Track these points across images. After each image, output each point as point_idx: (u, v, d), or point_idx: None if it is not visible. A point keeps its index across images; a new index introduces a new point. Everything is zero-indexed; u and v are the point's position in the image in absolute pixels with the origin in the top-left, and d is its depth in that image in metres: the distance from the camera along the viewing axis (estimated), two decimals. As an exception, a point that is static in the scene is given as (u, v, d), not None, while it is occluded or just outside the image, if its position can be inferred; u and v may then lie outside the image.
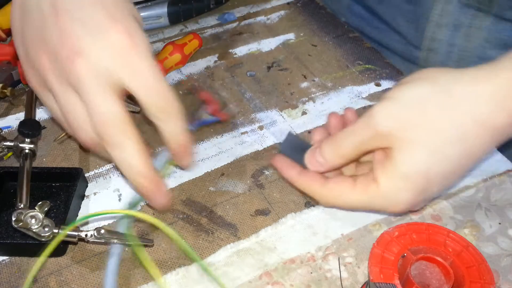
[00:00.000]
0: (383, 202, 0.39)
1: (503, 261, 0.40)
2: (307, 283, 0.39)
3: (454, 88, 0.37)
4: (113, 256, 0.39)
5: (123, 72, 0.34)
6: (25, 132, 0.45)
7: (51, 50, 0.34)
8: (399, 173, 0.38)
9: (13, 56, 0.58)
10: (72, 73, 0.33)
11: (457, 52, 0.60)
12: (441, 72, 0.39)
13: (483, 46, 0.57)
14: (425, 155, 0.37)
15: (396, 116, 0.38)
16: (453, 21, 0.58)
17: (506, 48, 0.56)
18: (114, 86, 0.34)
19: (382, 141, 0.38)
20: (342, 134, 0.40)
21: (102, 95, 0.34)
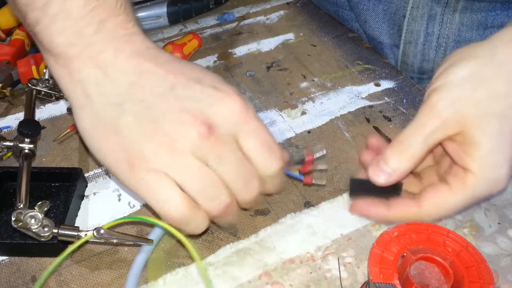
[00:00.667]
0: (487, 187, 0.37)
1: (502, 261, 0.40)
2: (307, 283, 0.39)
3: (497, 56, 0.38)
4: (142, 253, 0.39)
5: (242, 133, 0.37)
6: (25, 132, 0.45)
7: (172, 132, 0.35)
8: (488, 149, 0.36)
9: (13, 56, 0.58)
10: (208, 147, 0.35)
11: (435, 40, 0.60)
12: (475, 47, 0.39)
13: (459, 29, 0.58)
14: (500, 122, 0.36)
15: (458, 97, 0.37)
16: (427, 12, 0.59)
17: (481, 29, 0.57)
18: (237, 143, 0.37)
19: (452, 128, 0.37)
20: (406, 134, 0.38)
21: (235, 155, 0.36)
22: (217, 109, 0.35)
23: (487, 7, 0.55)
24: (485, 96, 0.37)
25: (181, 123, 0.35)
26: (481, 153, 0.37)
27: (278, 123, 0.54)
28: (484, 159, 0.37)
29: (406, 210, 0.40)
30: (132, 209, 0.45)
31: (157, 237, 0.41)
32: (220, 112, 0.35)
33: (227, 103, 0.36)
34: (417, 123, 0.38)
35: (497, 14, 0.56)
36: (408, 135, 0.38)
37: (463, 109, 0.37)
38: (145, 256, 0.40)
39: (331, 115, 0.55)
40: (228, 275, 0.40)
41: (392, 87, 0.58)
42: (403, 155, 0.38)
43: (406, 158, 0.38)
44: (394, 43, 0.65)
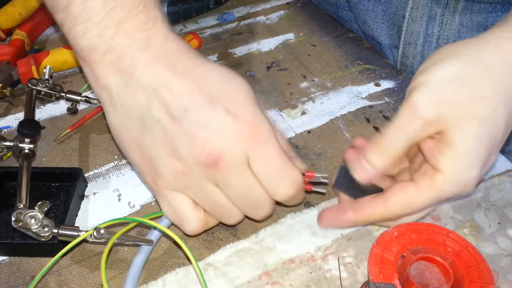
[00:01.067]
0: (455, 188, 0.37)
1: (502, 261, 0.40)
2: (307, 283, 0.39)
3: (485, 56, 0.37)
4: (141, 254, 0.39)
5: (252, 159, 0.36)
6: (25, 132, 0.45)
7: (185, 157, 0.36)
8: (463, 151, 0.36)
9: (13, 56, 0.58)
10: (218, 175, 0.36)
11: (435, 41, 0.60)
12: (462, 45, 0.39)
13: (459, 31, 0.58)
14: (480, 125, 0.36)
15: (440, 98, 0.37)
16: (427, 13, 0.59)
17: (481, 30, 0.57)
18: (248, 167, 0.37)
19: (432, 128, 0.37)
20: (387, 134, 0.39)
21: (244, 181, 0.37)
22: (226, 138, 0.35)
23: (487, 8, 0.55)
24: (469, 98, 0.37)
25: (192, 151, 0.35)
26: (455, 155, 0.36)
27: (278, 123, 0.54)
28: (457, 161, 0.37)
29: (372, 210, 0.39)
30: (132, 209, 0.45)
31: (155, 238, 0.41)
32: (229, 141, 0.35)
33: (236, 130, 0.35)
34: (398, 123, 0.38)
35: (497, 15, 0.55)
36: (388, 136, 0.39)
37: (445, 111, 0.37)
38: (144, 257, 0.40)
39: (331, 115, 0.55)
40: (228, 275, 0.40)
41: (392, 87, 0.58)
42: (383, 154, 0.39)
43: (386, 157, 0.39)
44: (394, 44, 0.65)
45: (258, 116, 0.36)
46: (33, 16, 0.66)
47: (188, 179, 0.37)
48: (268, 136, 0.36)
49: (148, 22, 0.37)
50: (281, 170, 0.37)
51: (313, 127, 0.53)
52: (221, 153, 0.35)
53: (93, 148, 0.51)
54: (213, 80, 0.36)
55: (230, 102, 0.36)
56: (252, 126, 0.35)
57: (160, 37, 0.37)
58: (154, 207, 0.45)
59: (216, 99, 0.36)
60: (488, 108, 0.36)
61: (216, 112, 0.35)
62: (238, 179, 0.36)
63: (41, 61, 0.58)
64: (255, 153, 0.36)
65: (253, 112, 0.36)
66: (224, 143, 0.35)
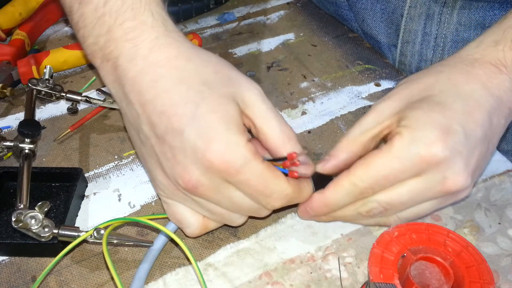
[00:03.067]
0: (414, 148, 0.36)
1: (502, 261, 0.40)
2: (307, 283, 0.39)
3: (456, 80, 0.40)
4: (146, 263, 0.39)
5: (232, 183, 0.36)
6: (25, 132, 0.45)
7: (171, 176, 0.36)
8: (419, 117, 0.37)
9: (13, 56, 0.58)
10: (202, 197, 0.36)
11: (433, 40, 0.60)
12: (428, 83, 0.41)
13: (457, 29, 0.58)
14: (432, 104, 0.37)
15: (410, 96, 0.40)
16: (425, 11, 0.59)
17: (479, 28, 0.57)
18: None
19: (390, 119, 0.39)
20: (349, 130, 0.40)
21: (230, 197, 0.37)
22: (199, 167, 0.35)
23: (485, 6, 0.55)
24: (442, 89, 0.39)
25: (174, 174, 0.36)
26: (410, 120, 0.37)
27: (279, 123, 0.54)
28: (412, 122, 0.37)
29: (339, 180, 0.38)
30: (132, 209, 0.45)
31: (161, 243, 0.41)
32: (202, 170, 0.35)
33: (208, 163, 0.34)
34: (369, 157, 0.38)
35: (495, 14, 0.55)
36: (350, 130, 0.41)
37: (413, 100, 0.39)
38: (149, 266, 0.40)
39: (332, 115, 0.55)
40: (228, 275, 0.40)
41: (392, 87, 0.58)
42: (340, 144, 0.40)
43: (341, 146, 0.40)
44: (392, 42, 0.65)
45: (230, 143, 0.34)
46: (33, 16, 0.66)
47: (178, 195, 0.37)
48: (241, 164, 0.34)
49: (136, 29, 0.36)
50: (264, 191, 0.36)
51: (313, 127, 0.53)
52: (198, 181, 0.35)
53: (93, 148, 0.51)
54: (191, 102, 0.35)
55: (204, 128, 0.34)
56: (222, 158, 0.34)
57: (146, 46, 0.36)
58: (154, 207, 0.45)
59: (190, 123, 0.34)
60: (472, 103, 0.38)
61: (189, 138, 0.34)
62: (223, 197, 0.37)
63: (41, 61, 0.58)
64: (232, 180, 0.35)
65: (225, 142, 0.34)
66: (198, 172, 0.35)
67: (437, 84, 0.40)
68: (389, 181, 0.37)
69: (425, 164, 0.36)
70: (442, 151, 0.35)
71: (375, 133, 0.40)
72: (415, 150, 0.36)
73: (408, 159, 0.36)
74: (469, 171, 0.37)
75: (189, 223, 0.39)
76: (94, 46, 0.37)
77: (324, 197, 0.39)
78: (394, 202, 0.38)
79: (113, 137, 0.52)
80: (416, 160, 0.36)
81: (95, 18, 0.36)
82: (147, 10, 0.37)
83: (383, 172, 0.37)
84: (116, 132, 0.53)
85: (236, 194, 0.36)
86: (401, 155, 0.36)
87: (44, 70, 0.53)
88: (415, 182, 0.37)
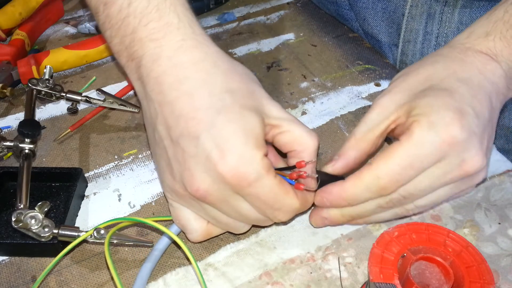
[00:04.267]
0: (435, 137, 0.35)
1: (503, 261, 0.40)
2: (307, 283, 0.39)
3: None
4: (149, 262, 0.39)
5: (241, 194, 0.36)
6: (25, 132, 0.45)
7: (180, 181, 0.36)
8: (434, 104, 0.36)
9: (13, 56, 0.58)
10: (209, 204, 0.36)
11: (434, 39, 0.60)
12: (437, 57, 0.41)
13: (458, 28, 0.58)
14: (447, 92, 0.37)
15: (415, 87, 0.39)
16: (426, 10, 0.59)
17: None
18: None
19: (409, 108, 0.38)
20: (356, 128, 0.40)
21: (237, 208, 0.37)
22: (210, 176, 0.34)
23: (486, 5, 0.55)
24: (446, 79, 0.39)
25: (183, 179, 0.35)
26: (422, 107, 0.37)
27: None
28: (425, 108, 0.37)
29: (360, 173, 0.37)
30: (132, 209, 0.45)
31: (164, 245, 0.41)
32: (213, 181, 0.34)
33: (220, 174, 0.34)
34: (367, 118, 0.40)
35: None
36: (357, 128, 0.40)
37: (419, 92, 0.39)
38: (152, 265, 0.40)
39: (332, 115, 0.55)
40: (228, 275, 0.40)
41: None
42: (348, 143, 0.40)
43: (350, 145, 0.40)
44: (393, 42, 0.65)
45: (245, 157, 0.34)
46: (33, 16, 0.66)
47: (185, 199, 0.37)
48: (254, 178, 0.34)
49: (161, 31, 0.36)
50: (272, 205, 0.36)
51: (314, 127, 0.53)
52: (206, 190, 0.35)
53: (93, 148, 0.51)
54: (211, 108, 0.34)
55: (220, 138, 0.34)
56: (235, 170, 0.34)
57: (172, 46, 0.36)
58: (154, 207, 0.45)
59: (208, 131, 0.34)
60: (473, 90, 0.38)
61: (205, 145, 0.34)
62: (230, 208, 0.36)
63: (41, 61, 0.58)
64: (242, 192, 0.35)
65: (240, 155, 0.34)
66: (208, 182, 0.34)
67: (435, 73, 0.40)
68: (414, 169, 0.36)
69: (446, 146, 0.35)
70: (460, 132, 0.35)
71: (383, 129, 0.39)
72: (435, 134, 0.35)
73: (430, 144, 0.35)
74: (483, 151, 0.37)
75: (193, 229, 0.39)
76: (119, 46, 0.38)
77: (343, 189, 0.38)
78: (414, 190, 0.37)
79: (113, 137, 0.52)
80: (437, 143, 0.35)
81: (119, 19, 0.37)
82: (173, 12, 0.37)
83: (406, 161, 0.36)
84: (116, 132, 0.53)
85: (243, 206, 0.36)
86: (422, 141, 0.35)
87: (44, 70, 0.53)
88: (435, 168, 0.36)
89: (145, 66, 0.36)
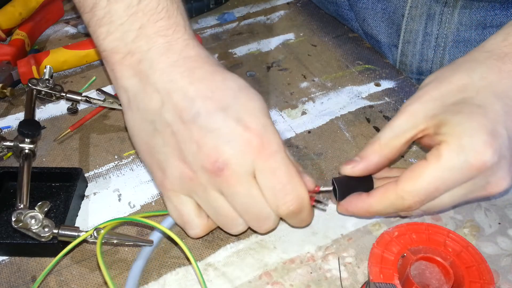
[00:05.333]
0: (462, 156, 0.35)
1: (502, 261, 0.40)
2: (307, 283, 0.39)
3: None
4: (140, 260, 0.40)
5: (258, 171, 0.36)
6: (25, 132, 0.45)
7: (192, 162, 0.36)
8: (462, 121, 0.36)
9: (13, 56, 0.58)
10: (222, 183, 0.36)
11: (434, 40, 0.60)
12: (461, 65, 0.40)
13: (458, 29, 0.58)
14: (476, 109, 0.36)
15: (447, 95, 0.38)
16: (426, 11, 0.59)
17: (480, 28, 0.57)
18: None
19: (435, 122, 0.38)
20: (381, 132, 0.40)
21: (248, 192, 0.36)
22: (233, 146, 0.35)
23: (486, 6, 0.55)
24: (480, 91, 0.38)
25: (199, 156, 0.36)
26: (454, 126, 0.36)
27: (279, 123, 0.54)
28: (456, 128, 0.36)
29: (386, 191, 0.38)
30: (132, 209, 0.45)
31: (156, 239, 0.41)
32: (236, 150, 0.35)
33: (245, 140, 0.35)
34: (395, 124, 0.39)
35: (496, 13, 0.55)
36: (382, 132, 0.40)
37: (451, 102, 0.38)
38: (143, 262, 0.40)
39: (332, 115, 0.55)
40: (228, 275, 0.40)
41: (392, 87, 0.58)
42: (371, 146, 0.40)
43: (374, 149, 0.39)
44: (393, 42, 0.65)
45: (269, 129, 0.36)
46: (33, 16, 0.66)
47: (193, 184, 0.37)
48: (276, 149, 0.36)
49: (170, 28, 0.37)
50: (286, 185, 0.36)
51: (314, 127, 0.53)
52: (226, 162, 0.35)
53: (93, 148, 0.51)
54: (229, 89, 0.37)
55: (243, 112, 0.36)
56: (261, 137, 0.35)
57: (180, 43, 0.37)
58: (154, 207, 0.45)
59: (229, 108, 0.36)
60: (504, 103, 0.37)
61: (227, 119, 0.35)
62: (242, 189, 0.36)
63: (41, 61, 0.58)
64: (262, 165, 0.35)
65: (264, 125, 0.36)
66: (230, 151, 0.35)
67: (471, 84, 0.38)
68: (440, 192, 0.36)
69: (475, 171, 0.35)
70: (491, 158, 0.35)
71: (409, 137, 0.39)
72: (465, 159, 0.35)
73: (459, 168, 0.35)
74: (510, 174, 0.36)
75: (195, 225, 0.39)
76: (117, 42, 0.38)
77: (368, 205, 0.39)
78: (435, 207, 0.38)
79: (113, 137, 0.52)
80: (466, 169, 0.35)
81: (126, 15, 0.37)
82: (180, 14, 0.39)
83: (433, 184, 0.36)
84: (116, 132, 0.53)
85: (254, 192, 0.36)
86: (451, 165, 0.35)
87: (44, 70, 0.53)
88: (459, 188, 0.36)
89: (151, 59, 0.37)
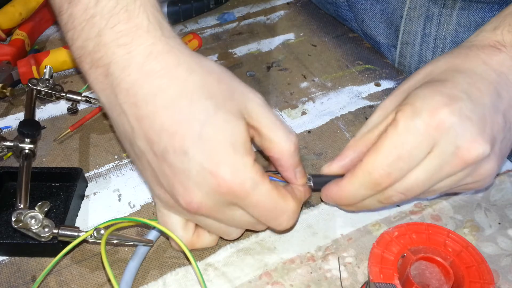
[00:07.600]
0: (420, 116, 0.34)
1: (502, 261, 0.40)
2: (307, 283, 0.39)
3: None
4: (136, 258, 0.39)
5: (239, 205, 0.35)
6: (25, 132, 0.45)
7: (171, 194, 0.35)
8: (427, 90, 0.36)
9: (13, 56, 0.58)
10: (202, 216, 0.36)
11: (432, 41, 0.60)
12: None
13: (456, 30, 0.58)
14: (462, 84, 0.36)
15: None
16: (424, 12, 0.59)
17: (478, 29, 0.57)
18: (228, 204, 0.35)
19: None
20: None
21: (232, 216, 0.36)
22: (203, 189, 0.33)
23: (484, 7, 0.55)
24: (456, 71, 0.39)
25: (173, 193, 0.34)
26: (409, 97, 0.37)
27: (278, 123, 0.54)
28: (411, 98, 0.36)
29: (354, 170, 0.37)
30: (132, 209, 0.45)
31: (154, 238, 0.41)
32: (207, 192, 0.33)
33: (214, 186, 0.33)
34: None
35: (494, 15, 0.55)
36: None
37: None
38: (139, 262, 0.40)
39: (332, 115, 0.55)
40: (228, 275, 0.40)
41: (392, 87, 0.58)
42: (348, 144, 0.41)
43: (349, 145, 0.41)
44: (392, 43, 0.65)
45: (238, 168, 0.33)
46: (33, 16, 0.66)
47: (176, 208, 0.36)
48: (250, 187, 0.33)
49: (129, 34, 0.33)
50: (272, 212, 0.35)
51: (314, 127, 0.53)
52: (200, 204, 0.33)
53: (93, 148, 0.51)
54: (195, 120, 0.32)
55: (209, 150, 0.32)
56: (230, 182, 0.32)
57: (142, 52, 0.33)
58: (154, 207, 0.45)
59: (195, 144, 0.32)
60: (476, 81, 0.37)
61: (193, 161, 0.32)
62: (225, 217, 0.36)
63: (41, 61, 0.58)
64: (241, 203, 0.34)
65: (232, 165, 0.33)
66: (201, 194, 0.33)
67: (436, 69, 0.39)
68: (404, 161, 0.35)
69: (434, 132, 0.34)
70: (448, 116, 0.34)
71: (382, 129, 0.39)
72: (421, 120, 0.34)
73: (415, 130, 0.34)
74: (485, 138, 0.34)
75: (182, 237, 0.38)
76: (82, 50, 0.34)
77: (340, 189, 0.38)
78: (411, 186, 0.36)
79: (113, 137, 0.52)
80: (423, 129, 0.34)
81: (84, 19, 0.33)
82: (142, 12, 0.33)
83: (394, 152, 0.35)
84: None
85: (238, 213, 0.36)
86: (407, 128, 0.35)
87: (44, 70, 0.53)
88: (429, 160, 0.35)
89: (114, 75, 0.33)
